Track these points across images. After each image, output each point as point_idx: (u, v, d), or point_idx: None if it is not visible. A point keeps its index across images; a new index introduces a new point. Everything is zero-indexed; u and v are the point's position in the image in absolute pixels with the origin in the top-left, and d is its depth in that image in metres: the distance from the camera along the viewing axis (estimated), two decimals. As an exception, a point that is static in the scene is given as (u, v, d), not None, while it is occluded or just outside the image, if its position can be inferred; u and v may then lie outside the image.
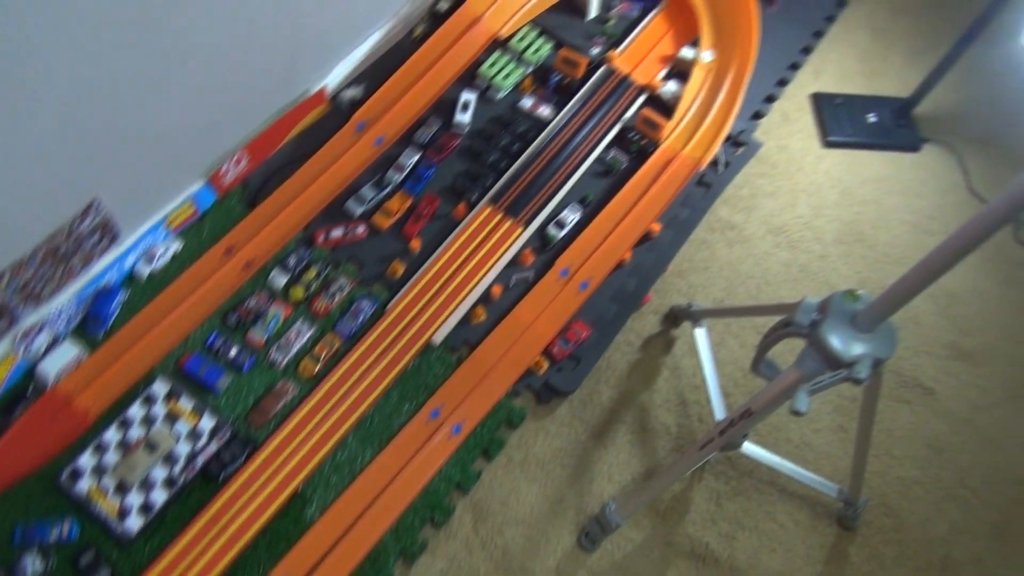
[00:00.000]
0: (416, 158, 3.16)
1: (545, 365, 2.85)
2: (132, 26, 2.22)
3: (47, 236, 2.49)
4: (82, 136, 2.32)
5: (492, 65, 3.35)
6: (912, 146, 3.46)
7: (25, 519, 2.47)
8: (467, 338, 2.88)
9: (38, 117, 2.16)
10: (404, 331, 2.85)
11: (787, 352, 2.14)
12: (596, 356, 2.93)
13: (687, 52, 3.37)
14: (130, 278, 2.87)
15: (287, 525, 2.53)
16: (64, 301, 2.72)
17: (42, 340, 2.66)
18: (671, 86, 3.33)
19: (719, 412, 2.63)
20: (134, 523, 2.49)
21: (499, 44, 3.41)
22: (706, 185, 3.22)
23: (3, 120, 2.05)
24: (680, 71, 3.39)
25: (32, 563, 2.38)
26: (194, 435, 2.62)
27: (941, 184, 3.39)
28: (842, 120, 3.47)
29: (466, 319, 2.91)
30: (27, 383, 2.66)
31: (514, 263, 3.02)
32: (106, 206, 2.63)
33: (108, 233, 2.73)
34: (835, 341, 1.80)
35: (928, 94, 3.37)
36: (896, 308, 1.73)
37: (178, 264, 2.91)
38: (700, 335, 2.81)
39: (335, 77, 3.30)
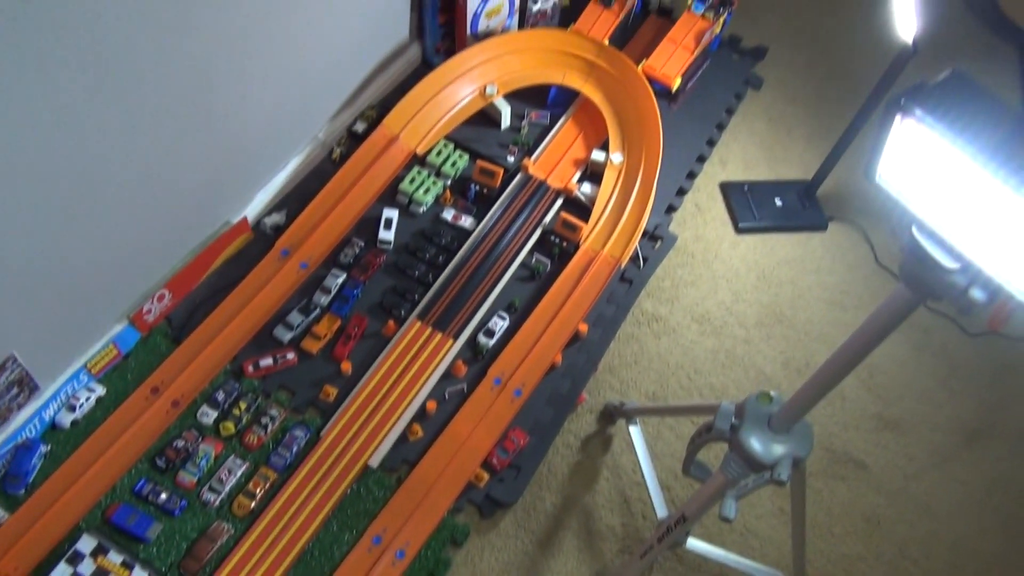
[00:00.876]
0: (342, 279, 3.21)
1: (486, 477, 2.87)
2: (41, 162, 2.24)
3: (-40, 398, 2.42)
4: None
5: (412, 181, 3.47)
6: (820, 225, 3.67)
7: None
8: (405, 457, 2.89)
9: None
10: (340, 457, 2.84)
11: (719, 449, 2.22)
12: (536, 462, 2.96)
13: (598, 155, 3.55)
14: (51, 429, 2.81)
15: None
16: (-20, 461, 2.63)
17: (-43, 506, 2.55)
18: (586, 188, 3.49)
19: (660, 509, 2.67)
20: None
21: (417, 160, 3.53)
22: (628, 281, 3.35)
23: None
24: (594, 173, 3.55)
25: None
26: (124, 592, 2.52)
27: (850, 260, 3.59)
28: (751, 206, 3.67)
29: (403, 438, 2.92)
30: (-59, 554, 2.53)
31: (447, 376, 3.07)
32: (22, 360, 2.59)
33: (26, 386, 2.69)
34: (755, 444, 1.88)
35: (828, 175, 3.60)
36: (808, 409, 1.83)
37: (103, 409, 2.88)
38: (635, 433, 2.88)
39: (256, 205, 3.36)
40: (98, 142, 2.39)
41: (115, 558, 2.58)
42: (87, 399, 2.83)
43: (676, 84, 3.81)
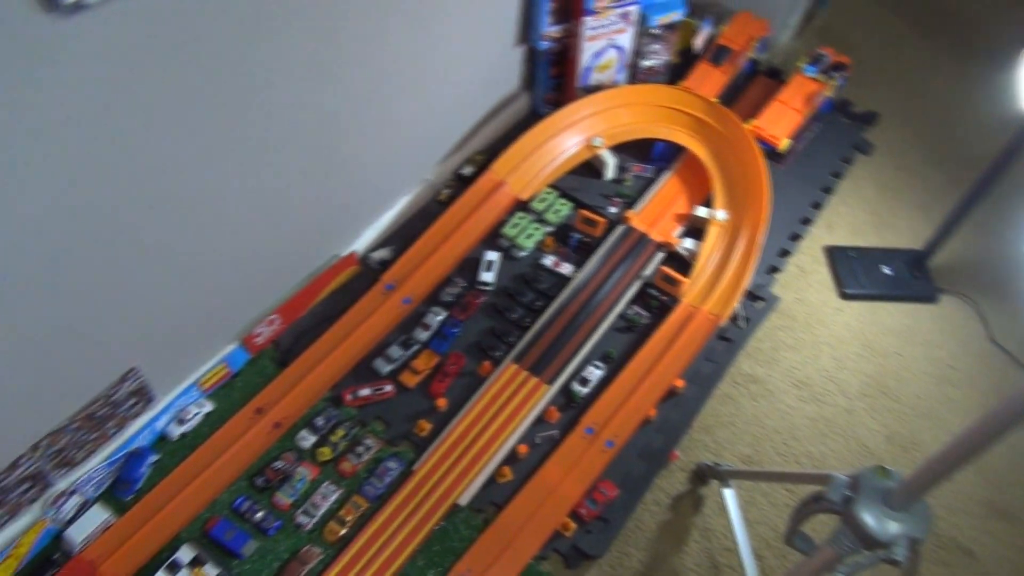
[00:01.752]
0: (442, 317, 3.29)
1: (573, 527, 2.85)
2: (179, 193, 2.42)
3: (86, 404, 2.59)
4: (125, 309, 2.49)
5: (515, 226, 3.54)
6: (929, 297, 3.56)
7: None
8: (494, 498, 2.90)
9: (89, 295, 2.32)
10: (431, 492, 2.88)
11: (817, 522, 2.15)
12: (624, 517, 2.93)
13: (701, 211, 3.55)
14: (161, 440, 2.95)
15: None
16: (95, 465, 2.80)
17: (71, 505, 2.71)
18: (688, 243, 3.49)
19: (753, 578, 2.59)
20: None
21: (521, 206, 3.61)
22: (727, 340, 3.32)
23: (55, 299, 2.20)
24: (696, 228, 3.56)
25: None
26: (217, 606, 2.60)
27: (961, 335, 3.46)
28: (857, 273, 3.60)
29: (492, 479, 2.94)
30: (54, 549, 2.68)
31: (539, 421, 3.08)
32: (143, 373, 2.74)
33: (143, 398, 2.83)
34: (869, 520, 1.82)
35: (941, 246, 3.50)
36: (929, 488, 1.76)
37: (209, 424, 3.00)
38: (729, 496, 2.82)
39: (364, 240, 3.50)
40: (232, 178, 2.57)
41: (210, 571, 2.67)
42: (196, 414, 2.96)
43: (785, 145, 3.80)
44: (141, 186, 2.29)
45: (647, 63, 3.97)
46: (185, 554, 2.70)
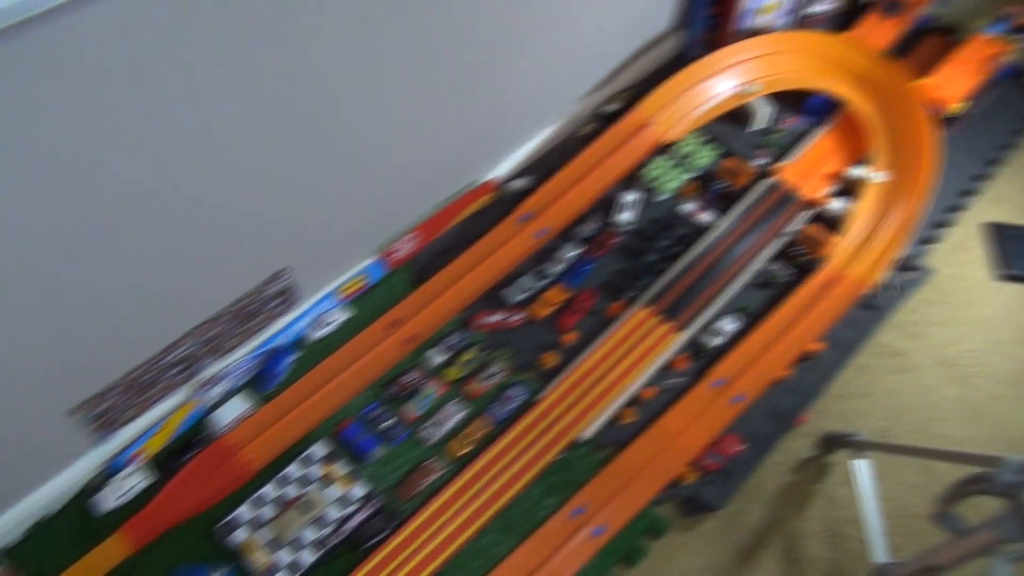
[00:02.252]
0: (576, 253, 3.27)
1: (693, 476, 2.83)
2: (322, 124, 2.47)
3: (239, 297, 2.71)
4: (285, 211, 2.59)
5: (656, 168, 3.46)
6: (1100, 287, 3.29)
7: (183, 563, 2.60)
8: (615, 438, 2.90)
9: (257, 194, 2.43)
10: (553, 423, 2.90)
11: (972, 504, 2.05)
12: (746, 473, 2.88)
13: (857, 171, 3.37)
14: (301, 341, 3.06)
15: (424, 606, 2.56)
16: (241, 356, 2.93)
17: (218, 391, 2.86)
18: (838, 203, 3.33)
19: (880, 554, 2.52)
20: None
21: (664, 149, 3.51)
22: (872, 308, 3.17)
23: (220, 199, 2.32)
24: (848, 188, 3.39)
25: (184, 607, 2.49)
26: (345, 501, 2.73)
27: None
28: (1022, 253, 3.35)
29: (615, 419, 2.93)
30: (199, 430, 2.85)
31: (667, 367, 3.04)
32: (291, 275, 2.85)
33: (288, 299, 2.95)
34: (1045, 506, 1.71)
35: (1121, 235, 3.21)
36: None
37: (345, 332, 3.10)
38: (861, 468, 2.73)
39: (503, 169, 3.49)
40: (391, 97, 2.61)
41: (341, 468, 2.79)
42: (334, 320, 3.07)
43: (955, 109, 3.54)
44: (314, 100, 2.34)
45: (816, 9, 3.74)
46: (319, 449, 2.82)
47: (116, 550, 2.61)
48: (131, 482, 2.68)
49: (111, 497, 2.67)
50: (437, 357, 3.01)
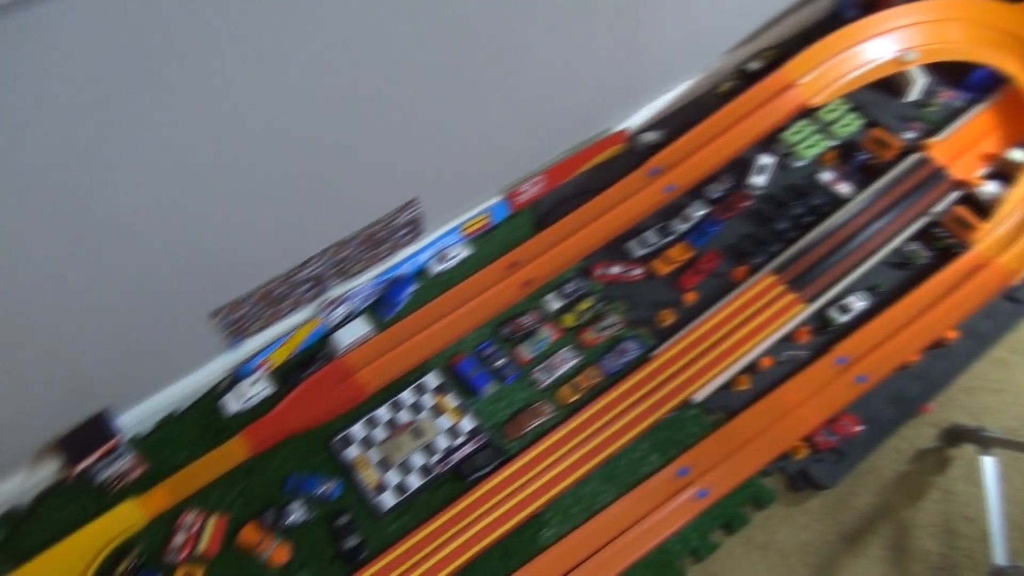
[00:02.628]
0: (704, 212, 3.19)
1: (805, 452, 2.76)
2: (474, 54, 2.47)
3: (372, 222, 2.77)
4: (420, 143, 2.62)
5: (796, 133, 3.32)
6: None
7: (297, 470, 2.73)
8: (727, 403, 2.86)
9: (393, 125, 2.47)
10: (666, 382, 2.88)
11: None
12: (861, 456, 2.79)
13: (1017, 154, 3.14)
14: (422, 273, 3.14)
15: (522, 542, 2.64)
16: (365, 281, 3.02)
17: (340, 312, 2.96)
18: (992, 187, 3.13)
19: (999, 555, 2.41)
20: (388, 500, 2.69)
21: (807, 113, 3.36)
22: (1016, 301, 2.98)
23: (368, 125, 2.37)
24: (1004, 172, 3.17)
25: (297, 511, 2.64)
26: (454, 432, 2.80)
27: None
28: None
29: (728, 384, 2.88)
30: (320, 347, 2.96)
31: (787, 339, 2.96)
32: (421, 205, 2.88)
33: (415, 229, 3.00)
34: None
35: None
36: None
37: (465, 269, 3.16)
38: (988, 465, 2.60)
39: (637, 119, 3.42)
40: (536, 34, 2.58)
41: (452, 400, 2.85)
42: (456, 256, 3.11)
43: None
44: (471, 30, 2.36)
45: (993, -26, 3.46)
46: (432, 379, 2.89)
47: (238, 451, 2.75)
48: (255, 389, 2.81)
49: (236, 401, 2.81)
50: (554, 303, 3.02)
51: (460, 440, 2.72)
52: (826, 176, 3.17)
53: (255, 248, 2.42)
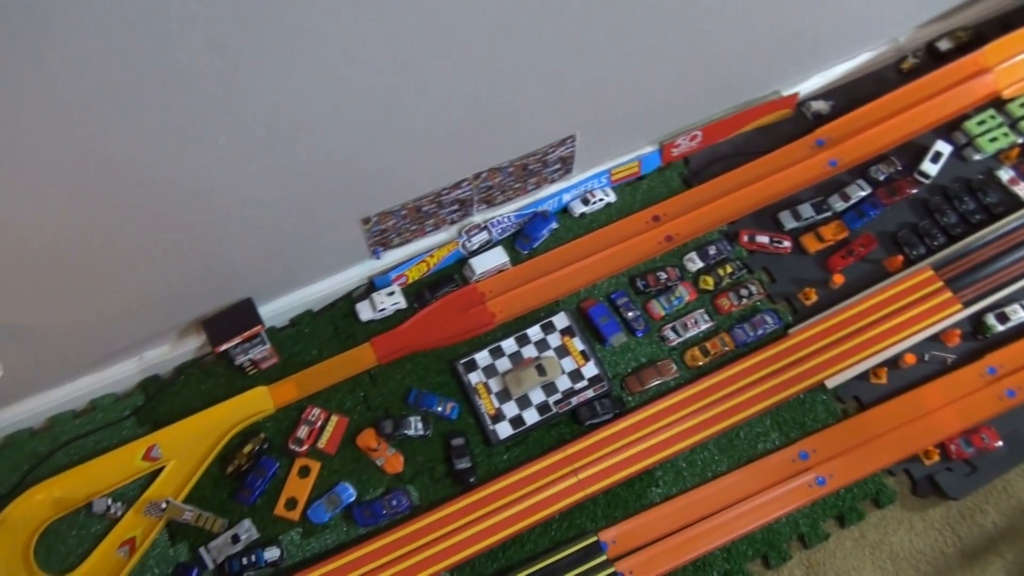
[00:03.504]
0: (865, 193, 3.04)
1: (935, 458, 2.66)
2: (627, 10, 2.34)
3: (529, 153, 2.73)
4: (586, 79, 2.56)
5: (980, 123, 3.10)
6: None
7: (419, 386, 2.79)
8: (859, 394, 2.77)
9: (564, 57, 2.40)
10: (799, 362, 2.81)
11: None
12: (996, 473, 2.66)
13: None
14: (564, 212, 3.12)
15: (630, 496, 2.64)
16: (508, 212, 3.01)
17: (479, 239, 2.98)
18: None
19: None
20: (503, 430, 2.73)
21: (997, 103, 3.12)
22: None
23: (540, 55, 2.31)
24: None
25: (415, 424, 2.70)
26: (577, 376, 2.79)
27: None
28: None
29: (865, 375, 2.77)
30: (455, 270, 2.99)
31: (936, 339, 2.81)
32: (576, 144, 2.83)
33: (565, 167, 2.96)
34: None
35: None
36: None
37: (608, 214, 3.12)
38: None
39: (809, 86, 3.25)
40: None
41: (578, 344, 2.84)
42: (599, 200, 3.08)
43: None
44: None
45: None
46: (561, 320, 2.89)
47: (365, 358, 2.83)
48: (389, 301, 2.87)
49: (370, 309, 2.88)
50: (694, 262, 2.98)
51: (582, 384, 2.73)
52: (1006, 174, 2.97)
53: (416, 162, 2.45)
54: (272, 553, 2.56)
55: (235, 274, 2.60)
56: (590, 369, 2.77)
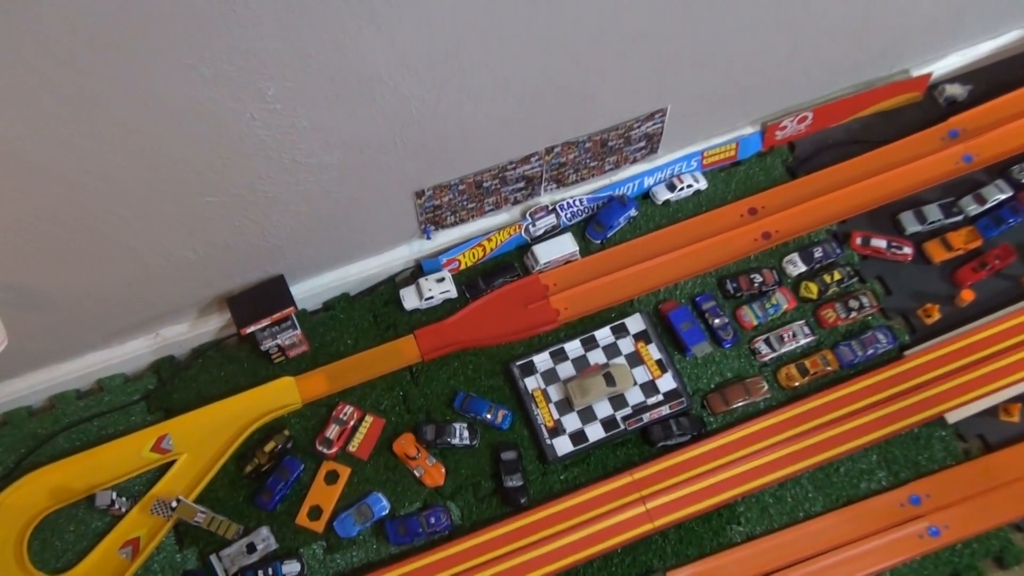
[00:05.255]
0: (1004, 196, 2.99)
1: (1077, 514, 2.57)
2: None
3: (611, 127, 2.74)
4: (677, 44, 2.56)
5: None
6: None
7: (467, 389, 2.80)
8: (985, 433, 2.72)
9: (651, 21, 2.40)
10: (916, 390, 2.77)
11: None
12: None
13: None
14: (645, 198, 3.12)
15: (706, 532, 2.63)
16: (580, 194, 3.03)
17: (546, 223, 2.99)
18: None
19: None
20: (562, 446, 2.74)
21: None
22: None
23: (611, 17, 2.31)
24: None
25: (460, 432, 2.72)
26: (651, 388, 2.79)
27: None
28: None
29: (993, 411, 2.73)
30: (516, 257, 3.03)
31: (1084, 376, 2.73)
32: (667, 118, 2.82)
33: (651, 146, 2.97)
34: None
35: None
36: None
37: (696, 203, 3.11)
38: None
39: (945, 65, 3.19)
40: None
41: (654, 352, 2.83)
42: (687, 186, 3.07)
43: None
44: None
45: None
46: (635, 323, 2.89)
47: (407, 352, 2.85)
48: (439, 288, 2.89)
49: (416, 297, 2.90)
50: (796, 265, 2.95)
51: (656, 399, 2.73)
52: None
53: (483, 129, 2.46)
54: (291, 568, 2.59)
55: (269, 246, 2.63)
56: (667, 382, 2.77)
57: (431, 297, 2.90)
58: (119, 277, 2.51)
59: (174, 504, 2.62)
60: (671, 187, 3.06)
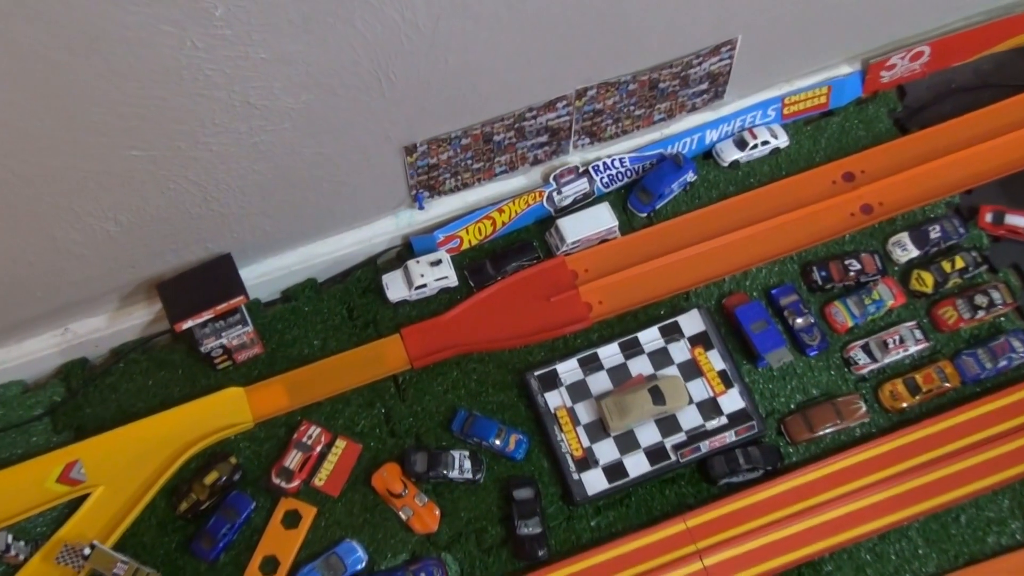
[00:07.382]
0: None
1: None
2: None
3: (659, 64, 2.65)
4: None
5: None
6: None
7: (471, 405, 2.74)
8: None
9: None
10: (1063, 414, 2.63)
11: None
12: None
13: None
14: (707, 158, 3.07)
15: (784, 597, 2.54)
16: (621, 152, 2.99)
17: (575, 190, 3.00)
18: None
19: None
20: (594, 482, 2.75)
21: None
22: None
23: None
24: None
25: (460, 462, 2.69)
26: (712, 408, 2.78)
27: None
28: None
29: None
30: (535, 235, 2.98)
31: None
32: (737, 52, 2.75)
33: (715, 88, 2.94)
34: None
35: None
36: None
37: (775, 165, 3.06)
38: None
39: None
40: None
41: (715, 360, 2.80)
42: (763, 143, 3.06)
43: None
44: None
45: None
46: (691, 322, 2.87)
47: (392, 357, 2.84)
48: (434, 273, 2.85)
49: (403, 285, 2.91)
50: (905, 249, 2.90)
51: (718, 422, 2.73)
52: None
53: (497, 64, 2.37)
54: (238, 637, 2.53)
55: (214, 215, 2.61)
56: (732, 400, 2.75)
57: (423, 285, 2.89)
58: (17, 253, 2.44)
59: (87, 551, 2.57)
60: (741, 144, 3.05)
